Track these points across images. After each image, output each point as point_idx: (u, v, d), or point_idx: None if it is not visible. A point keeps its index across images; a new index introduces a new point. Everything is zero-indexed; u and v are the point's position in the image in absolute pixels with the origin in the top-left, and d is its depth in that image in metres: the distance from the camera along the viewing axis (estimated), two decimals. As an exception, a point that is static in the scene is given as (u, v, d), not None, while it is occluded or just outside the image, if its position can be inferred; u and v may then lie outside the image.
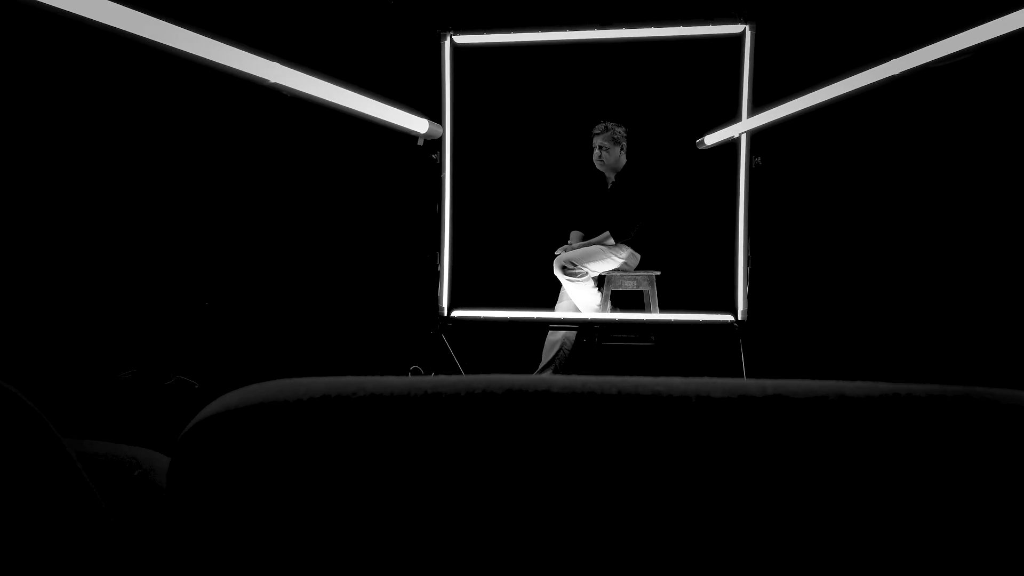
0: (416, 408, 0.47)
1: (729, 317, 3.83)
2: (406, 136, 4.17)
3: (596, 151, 4.02)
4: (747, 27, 3.75)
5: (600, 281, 4.05)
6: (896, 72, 2.00)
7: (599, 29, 3.86)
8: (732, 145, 3.81)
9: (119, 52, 3.91)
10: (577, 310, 4.04)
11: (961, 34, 1.78)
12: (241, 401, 0.49)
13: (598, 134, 4.01)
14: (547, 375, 0.51)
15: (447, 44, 3.90)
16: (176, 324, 4.22)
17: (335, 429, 0.47)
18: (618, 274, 4.02)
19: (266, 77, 1.63)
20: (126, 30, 1.37)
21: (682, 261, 4.18)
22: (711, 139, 3.59)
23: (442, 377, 0.51)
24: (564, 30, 3.87)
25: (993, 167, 3.87)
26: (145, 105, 4.12)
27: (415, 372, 4.07)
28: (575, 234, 4.16)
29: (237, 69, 1.56)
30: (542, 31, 3.89)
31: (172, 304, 4.24)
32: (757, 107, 3.64)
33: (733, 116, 3.76)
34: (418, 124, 2.52)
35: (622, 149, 4.02)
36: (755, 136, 3.73)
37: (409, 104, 2.96)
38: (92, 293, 4.04)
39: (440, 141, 3.87)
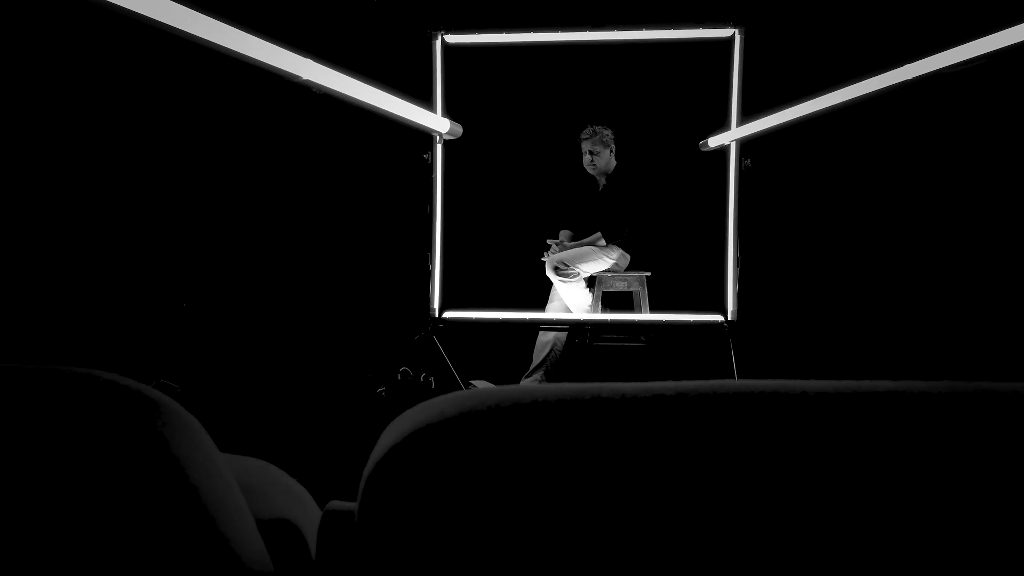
0: (671, 410, 0.46)
1: (719, 317, 3.88)
2: (397, 137, 4.14)
3: (587, 156, 4.03)
4: (736, 31, 3.80)
5: (591, 282, 4.07)
6: (910, 77, 2.05)
7: (591, 31, 3.87)
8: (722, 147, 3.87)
9: (106, 48, 3.80)
10: (568, 311, 4.05)
11: (978, 40, 1.83)
12: (471, 406, 0.47)
13: (586, 139, 4.02)
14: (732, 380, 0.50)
15: (438, 44, 3.87)
16: (157, 326, 4.11)
17: (586, 432, 0.46)
18: (609, 275, 4.04)
19: (298, 73, 1.60)
20: (144, 14, 1.32)
21: (672, 262, 4.22)
22: (715, 141, 3.62)
23: (672, 382, 0.50)
24: (556, 31, 3.88)
25: (980, 168, 3.99)
26: (126, 106, 4.02)
27: (404, 374, 4.03)
28: (564, 233, 4.17)
29: (270, 64, 1.52)
30: (534, 32, 3.89)
31: (152, 305, 4.13)
32: (746, 110, 3.70)
33: (723, 118, 3.81)
34: (439, 123, 2.50)
35: (611, 152, 4.05)
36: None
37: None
38: (69, 295, 3.91)
39: (432, 141, 3.84)
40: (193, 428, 0.58)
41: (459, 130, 2.75)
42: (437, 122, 2.50)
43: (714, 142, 3.66)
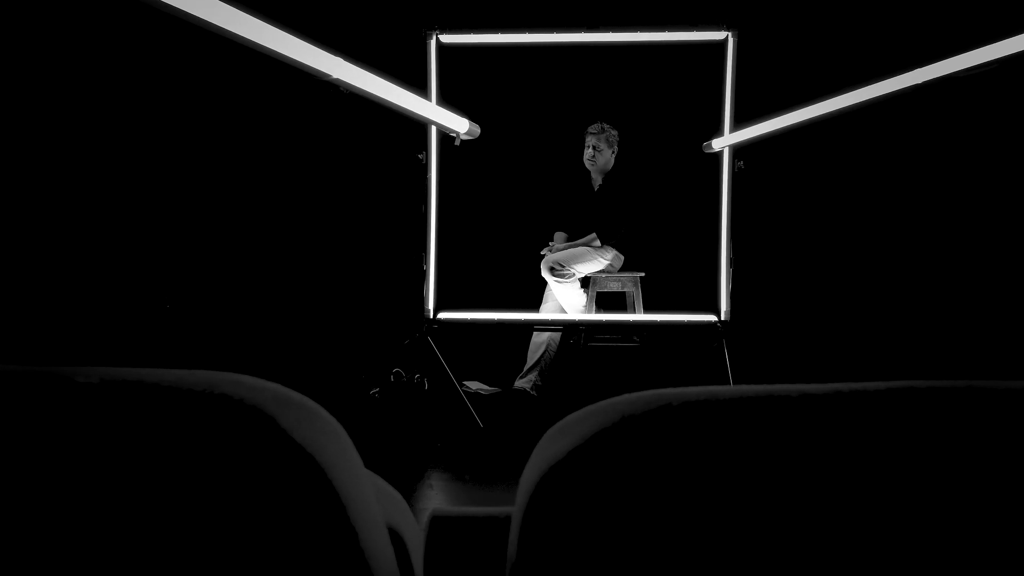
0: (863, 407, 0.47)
1: (712, 317, 3.90)
2: (392, 137, 4.11)
3: (589, 150, 4.03)
4: (729, 34, 3.84)
5: (585, 282, 4.08)
6: (920, 81, 2.09)
7: (585, 32, 3.88)
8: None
9: (95, 45, 3.72)
10: (563, 311, 4.06)
11: (991, 45, 1.87)
12: (665, 401, 0.47)
13: (593, 133, 4.02)
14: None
15: (433, 43, 3.85)
16: (141, 327, 4.03)
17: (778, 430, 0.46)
18: (603, 275, 4.05)
19: (328, 72, 1.58)
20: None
21: (666, 262, 4.25)
22: (718, 143, 3.65)
23: (850, 383, 0.50)
24: (550, 32, 3.88)
25: (970, 169, 4.08)
26: (119, 107, 3.93)
27: (397, 376, 4.00)
28: (559, 235, 4.18)
29: (301, 62, 1.50)
30: (529, 32, 3.89)
31: (138, 306, 4.04)
32: (740, 112, 3.74)
33: (718, 120, 3.85)
34: (458, 123, 2.49)
35: (613, 152, 4.06)
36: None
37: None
38: (48, 295, 3.81)
39: (426, 141, 3.83)
40: (340, 433, 0.56)
41: (477, 130, 2.74)
42: (457, 122, 2.50)
43: (718, 144, 3.68)
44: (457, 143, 2.63)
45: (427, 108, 2.31)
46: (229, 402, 0.51)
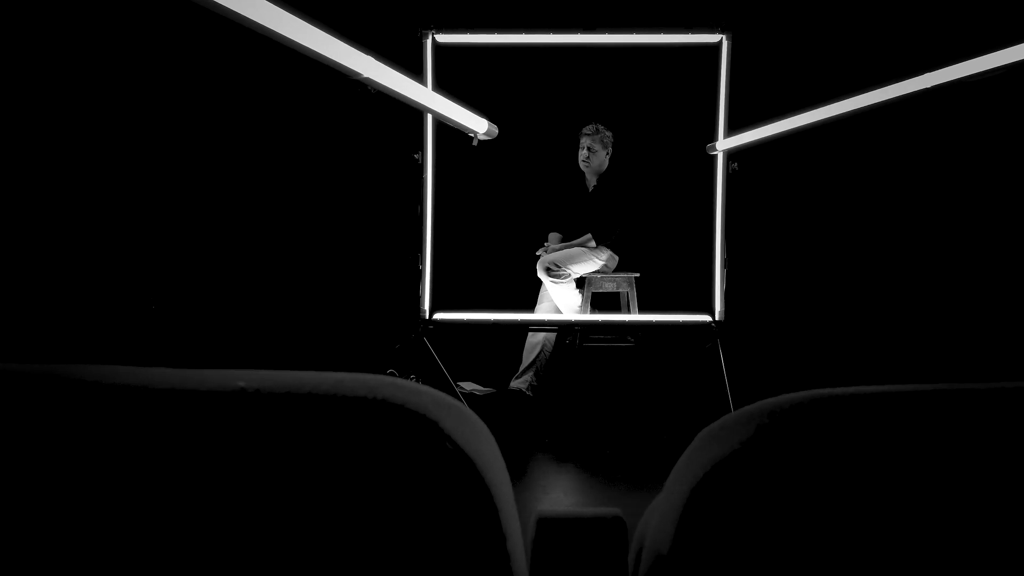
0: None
1: (707, 318, 3.94)
2: (388, 137, 4.08)
3: (584, 151, 4.06)
4: (724, 37, 3.87)
5: (580, 282, 4.09)
6: (928, 85, 2.13)
7: (581, 33, 3.90)
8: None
9: (83, 44, 3.65)
10: (558, 311, 4.07)
11: (1000, 51, 1.91)
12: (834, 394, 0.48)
13: (588, 135, 4.04)
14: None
15: (429, 43, 3.84)
16: (127, 327, 3.96)
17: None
18: (598, 276, 4.07)
19: (359, 71, 1.57)
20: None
21: (661, 263, 4.28)
22: (721, 145, 3.68)
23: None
24: (546, 32, 3.89)
25: (966, 173, 4.16)
26: (103, 103, 3.86)
27: (391, 377, 3.97)
28: (554, 236, 4.19)
29: (334, 60, 1.49)
30: (524, 33, 3.89)
31: (122, 306, 3.97)
32: (734, 114, 3.78)
33: (712, 122, 3.88)
34: (477, 123, 2.48)
35: (607, 154, 4.08)
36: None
37: (390, 103, 2.89)
38: (35, 294, 3.73)
39: (421, 141, 3.82)
40: (490, 437, 0.56)
41: (495, 131, 2.74)
42: (476, 122, 2.49)
43: (722, 146, 3.72)
44: (475, 143, 2.63)
45: (448, 107, 2.30)
46: (390, 407, 0.50)
